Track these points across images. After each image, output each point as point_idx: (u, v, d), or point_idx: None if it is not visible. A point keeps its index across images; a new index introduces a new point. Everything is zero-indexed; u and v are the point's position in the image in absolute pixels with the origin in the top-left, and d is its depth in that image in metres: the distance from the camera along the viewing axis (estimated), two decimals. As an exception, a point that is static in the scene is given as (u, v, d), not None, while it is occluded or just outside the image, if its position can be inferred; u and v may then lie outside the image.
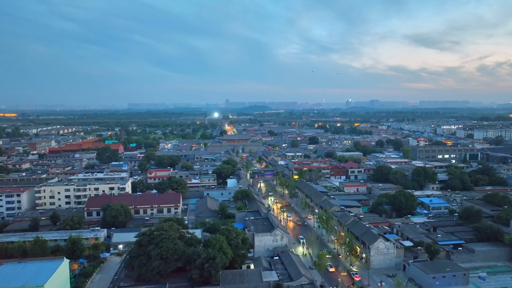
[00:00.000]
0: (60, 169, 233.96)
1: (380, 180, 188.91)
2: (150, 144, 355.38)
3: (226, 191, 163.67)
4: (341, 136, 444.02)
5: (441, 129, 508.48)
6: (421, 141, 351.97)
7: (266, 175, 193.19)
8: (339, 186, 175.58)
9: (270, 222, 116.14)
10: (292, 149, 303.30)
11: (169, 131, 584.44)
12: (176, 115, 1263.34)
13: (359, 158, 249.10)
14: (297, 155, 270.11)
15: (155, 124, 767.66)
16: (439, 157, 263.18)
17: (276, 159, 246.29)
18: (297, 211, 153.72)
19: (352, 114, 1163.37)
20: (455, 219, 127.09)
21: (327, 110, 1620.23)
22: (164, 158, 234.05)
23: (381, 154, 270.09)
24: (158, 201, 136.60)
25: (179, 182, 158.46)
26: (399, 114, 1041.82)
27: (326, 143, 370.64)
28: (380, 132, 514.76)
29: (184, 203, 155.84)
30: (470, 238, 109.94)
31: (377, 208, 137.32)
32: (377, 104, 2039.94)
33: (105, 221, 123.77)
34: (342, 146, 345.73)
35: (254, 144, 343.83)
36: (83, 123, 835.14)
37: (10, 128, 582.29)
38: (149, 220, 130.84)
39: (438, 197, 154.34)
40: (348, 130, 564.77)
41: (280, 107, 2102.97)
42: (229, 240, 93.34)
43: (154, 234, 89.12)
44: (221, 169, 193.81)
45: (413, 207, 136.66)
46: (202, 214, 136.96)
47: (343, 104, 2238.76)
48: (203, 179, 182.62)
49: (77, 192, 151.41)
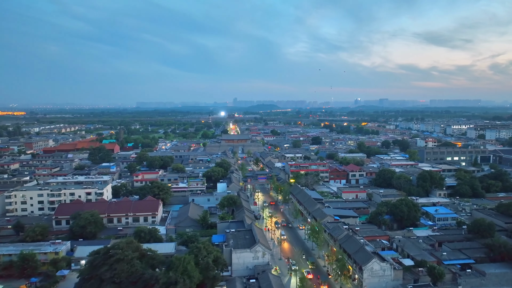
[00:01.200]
0: (47, 170, 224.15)
1: (383, 185, 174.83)
2: (147, 144, 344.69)
3: (213, 197, 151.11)
4: (346, 136, 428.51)
5: (451, 129, 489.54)
6: (429, 141, 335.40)
7: (259, 178, 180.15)
8: (337, 192, 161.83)
9: (253, 235, 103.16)
10: (293, 150, 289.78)
11: (171, 130, 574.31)
12: (183, 114, 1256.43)
13: (362, 160, 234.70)
14: (297, 156, 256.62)
15: (159, 123, 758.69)
16: (447, 159, 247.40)
17: (274, 160, 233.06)
18: (289, 220, 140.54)
19: (360, 113, 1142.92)
20: (464, 232, 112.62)
21: (335, 109, 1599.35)
22: (155, 160, 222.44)
23: (386, 156, 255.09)
24: (134, 209, 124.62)
25: (161, 187, 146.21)
26: (408, 113, 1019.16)
27: (329, 143, 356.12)
28: (387, 132, 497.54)
29: (167, 209, 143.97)
30: (481, 257, 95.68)
31: (376, 218, 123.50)
32: (386, 103, 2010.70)
33: (72, 232, 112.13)
34: (346, 146, 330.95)
35: (254, 144, 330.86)
36: (88, 121, 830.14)
37: (11, 127, 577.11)
38: (122, 230, 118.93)
39: (445, 205, 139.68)
40: (355, 129, 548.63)
41: (288, 106, 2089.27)
42: (198, 260, 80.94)
43: (110, 253, 77.04)
44: (211, 172, 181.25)
45: (416, 217, 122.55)
46: (182, 223, 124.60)
47: (352, 103, 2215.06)
48: (191, 183, 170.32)
49: (50, 197, 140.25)
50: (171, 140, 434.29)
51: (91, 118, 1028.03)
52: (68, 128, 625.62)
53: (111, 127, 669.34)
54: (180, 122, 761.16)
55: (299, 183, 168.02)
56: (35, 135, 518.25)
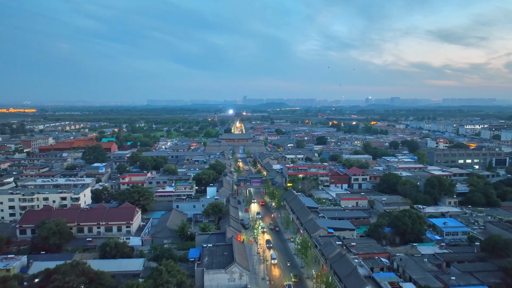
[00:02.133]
0: (35, 171, 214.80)
1: (387, 191, 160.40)
2: (146, 143, 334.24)
3: (199, 203, 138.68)
4: (353, 136, 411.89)
5: (464, 129, 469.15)
6: (440, 142, 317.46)
7: (253, 182, 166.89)
8: (336, 199, 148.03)
9: (232, 252, 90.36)
10: (294, 151, 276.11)
11: (174, 129, 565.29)
12: (191, 112, 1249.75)
13: (367, 162, 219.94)
14: (298, 157, 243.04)
15: (164, 121, 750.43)
16: (459, 162, 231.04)
17: (272, 162, 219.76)
18: (281, 229, 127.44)
19: (370, 112, 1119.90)
20: (476, 250, 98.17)
21: (345, 108, 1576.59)
22: (147, 160, 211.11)
23: (393, 158, 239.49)
24: (107, 217, 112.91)
25: (142, 192, 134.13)
26: (420, 112, 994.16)
27: (335, 143, 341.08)
28: (396, 131, 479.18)
29: (148, 216, 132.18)
30: (496, 283, 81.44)
31: (375, 231, 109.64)
32: (397, 102, 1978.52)
33: (33, 244, 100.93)
34: (352, 147, 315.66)
35: (255, 144, 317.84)
36: (94, 119, 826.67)
37: (16, 124, 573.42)
38: (92, 241, 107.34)
39: (455, 216, 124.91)
40: (363, 129, 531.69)
41: (298, 104, 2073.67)
42: (157, 286, 68.70)
43: (53, 278, 65.31)
44: (201, 175, 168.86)
45: (421, 231, 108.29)
46: (159, 234, 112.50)
47: (362, 101, 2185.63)
48: (178, 187, 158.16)
49: (22, 202, 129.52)
50: (173, 139, 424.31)
51: (99, 115, 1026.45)
52: (72, 126, 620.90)
53: (116, 125, 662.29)
54: (186, 120, 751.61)
55: (295, 188, 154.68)
56: (38, 133, 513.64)
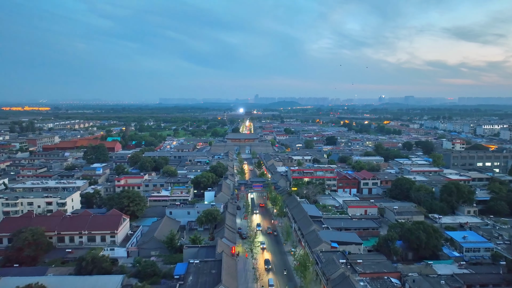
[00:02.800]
0: (32, 171, 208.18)
1: (399, 197, 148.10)
2: (151, 142, 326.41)
3: (194, 209, 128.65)
4: (365, 136, 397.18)
5: (481, 129, 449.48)
6: (456, 143, 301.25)
7: (254, 187, 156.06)
8: (343, 206, 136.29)
9: (220, 270, 79.82)
10: (302, 151, 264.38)
11: (182, 128, 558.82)
12: (202, 110, 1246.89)
13: (378, 165, 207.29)
14: (305, 159, 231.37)
15: (174, 119, 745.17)
16: (478, 165, 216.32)
17: (277, 164, 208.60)
18: (280, 239, 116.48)
19: (384, 111, 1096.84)
20: (502, 271, 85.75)
21: (357, 107, 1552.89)
22: (147, 161, 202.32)
23: (406, 160, 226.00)
24: (91, 226, 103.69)
25: (133, 197, 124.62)
26: (435, 111, 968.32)
27: (345, 144, 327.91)
28: (410, 131, 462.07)
29: (139, 224, 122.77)
30: (526, 315, 69.39)
31: (385, 244, 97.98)
32: (412, 101, 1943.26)
33: (6, 255, 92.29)
34: (363, 148, 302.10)
35: (262, 144, 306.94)
36: (105, 117, 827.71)
37: (25, 122, 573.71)
38: (72, 252, 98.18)
39: (476, 228, 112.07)
40: (375, 128, 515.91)
41: (310, 103, 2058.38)
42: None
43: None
44: (200, 178, 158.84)
45: (437, 246, 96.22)
46: (146, 245, 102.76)
47: (376, 100, 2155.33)
48: (174, 191, 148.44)
49: (6, 207, 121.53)
50: (180, 138, 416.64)
51: (111, 114, 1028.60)
52: (82, 124, 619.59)
53: (125, 123, 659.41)
54: (195, 119, 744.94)
55: (299, 194, 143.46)
56: (47, 131, 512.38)
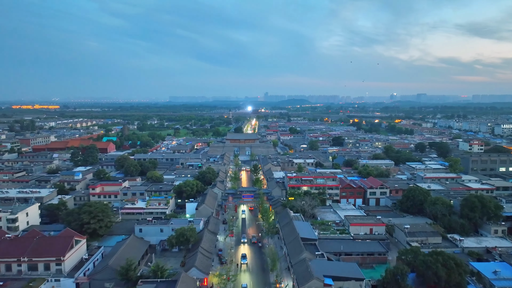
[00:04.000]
0: (9, 175, 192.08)
1: (411, 211, 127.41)
2: (146, 143, 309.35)
3: (168, 226, 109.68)
4: (374, 136, 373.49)
5: (500, 129, 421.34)
6: (474, 144, 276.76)
7: (244, 197, 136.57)
8: (344, 222, 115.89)
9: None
10: (305, 153, 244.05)
11: (183, 127, 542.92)
12: (209, 108, 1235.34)
13: (387, 170, 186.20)
14: (308, 162, 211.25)
15: (178, 118, 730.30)
16: (501, 170, 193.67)
17: (275, 168, 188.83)
18: (265, 260, 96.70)
19: (395, 109, 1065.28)
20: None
21: (368, 105, 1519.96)
22: (131, 165, 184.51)
23: (419, 164, 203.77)
24: (33, 250, 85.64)
25: (95, 212, 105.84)
26: (448, 109, 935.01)
27: (353, 145, 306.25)
28: (423, 131, 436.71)
29: (102, 244, 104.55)
30: None
31: (393, 280, 77.66)
32: (424, 98, 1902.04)
33: None
34: (372, 149, 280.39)
35: (263, 145, 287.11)
36: (111, 116, 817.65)
37: (26, 121, 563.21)
38: (6, 285, 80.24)
39: (507, 256, 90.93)
40: (386, 128, 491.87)
41: (320, 101, 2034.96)
42: None
43: None
44: (183, 186, 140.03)
45: (461, 284, 75.52)
46: (99, 275, 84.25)
47: (387, 98, 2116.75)
48: (151, 202, 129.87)
49: None
50: (180, 138, 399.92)
51: (118, 112, 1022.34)
52: (84, 123, 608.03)
53: (125, 122, 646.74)
54: (200, 118, 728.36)
55: (294, 207, 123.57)
56: (46, 130, 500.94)
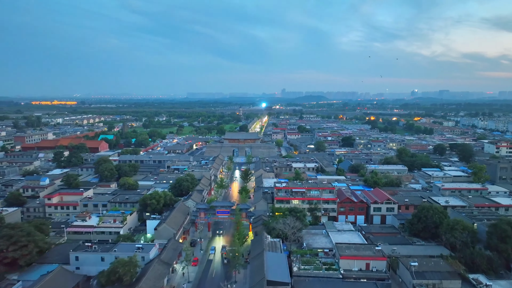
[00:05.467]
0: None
1: (423, 235, 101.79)
2: (141, 142, 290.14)
3: (110, 254, 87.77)
4: (388, 135, 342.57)
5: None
6: (502, 147, 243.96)
7: (219, 212, 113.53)
8: (335, 252, 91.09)
9: None
10: (306, 156, 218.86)
11: (189, 124, 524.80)
12: (224, 105, 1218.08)
13: (399, 177, 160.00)
14: (308, 167, 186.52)
15: (187, 114, 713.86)
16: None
17: (267, 175, 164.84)
18: None
19: (415, 106, 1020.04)
20: None
21: (387, 101, 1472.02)
22: (106, 169, 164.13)
23: (437, 171, 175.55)
24: None
25: (16, 236, 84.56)
26: (472, 107, 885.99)
27: (364, 146, 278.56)
28: (443, 130, 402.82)
29: (23, 278, 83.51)
30: None
31: None
32: (447, 95, 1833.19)
33: None
34: (385, 151, 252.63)
35: (264, 146, 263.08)
36: (121, 112, 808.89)
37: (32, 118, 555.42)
38: None
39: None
40: (404, 126, 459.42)
41: (338, 97, 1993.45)
42: None
43: None
44: (147, 199, 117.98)
45: None
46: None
47: (408, 94, 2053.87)
48: (105, 219, 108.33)
49: None
50: (182, 136, 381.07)
51: (132, 108, 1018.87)
52: (92, 120, 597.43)
53: (136, 118, 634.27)
54: (211, 114, 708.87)
55: (272, 230, 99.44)
56: (51, 127, 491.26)
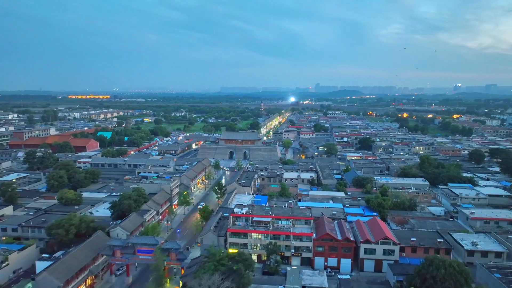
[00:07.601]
0: None
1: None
2: (133, 140, 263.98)
3: None
4: (416, 137, 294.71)
5: None
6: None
7: (139, 252, 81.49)
8: None
9: None
10: (305, 163, 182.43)
11: (202, 120, 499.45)
12: (252, 99, 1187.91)
13: (415, 197, 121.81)
14: (303, 178, 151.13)
15: (207, 109, 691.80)
16: None
17: (242, 190, 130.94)
18: None
19: (457, 102, 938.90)
20: None
21: (427, 96, 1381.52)
22: (52, 178, 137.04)
23: (468, 189, 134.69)
24: None
25: None
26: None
27: (385, 149, 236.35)
28: (485, 130, 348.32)
29: None
30: None
31: None
32: (494, 90, 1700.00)
33: None
34: (409, 156, 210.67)
35: (264, 148, 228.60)
36: (145, 107, 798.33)
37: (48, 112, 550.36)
38: None
39: None
40: (439, 125, 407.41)
41: (374, 92, 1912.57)
42: None
43: None
44: (52, 227, 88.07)
45: None
46: None
47: (450, 89, 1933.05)
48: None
49: None
50: (190, 133, 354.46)
51: (160, 103, 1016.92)
52: (108, 114, 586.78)
53: (155, 113, 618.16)
54: (232, 109, 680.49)
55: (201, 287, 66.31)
56: (65, 122, 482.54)
